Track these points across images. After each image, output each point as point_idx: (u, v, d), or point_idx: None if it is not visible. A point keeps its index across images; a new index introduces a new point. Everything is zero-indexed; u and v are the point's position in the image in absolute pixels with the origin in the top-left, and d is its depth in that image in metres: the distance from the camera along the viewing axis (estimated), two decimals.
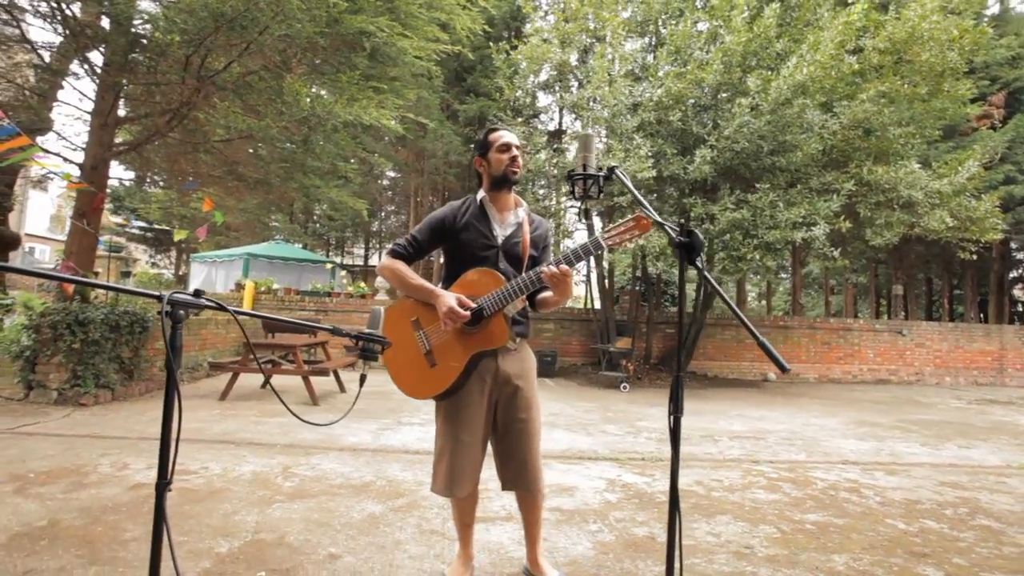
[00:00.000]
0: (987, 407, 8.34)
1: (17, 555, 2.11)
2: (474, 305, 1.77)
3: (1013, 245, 15.37)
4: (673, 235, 1.30)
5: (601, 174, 1.59)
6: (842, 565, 2.36)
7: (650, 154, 7.33)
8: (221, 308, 1.20)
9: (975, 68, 11.23)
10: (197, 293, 1.17)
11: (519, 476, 1.92)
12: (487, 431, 1.95)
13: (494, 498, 3.05)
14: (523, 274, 1.78)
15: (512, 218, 1.99)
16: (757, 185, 7.60)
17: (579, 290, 13.20)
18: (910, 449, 5.01)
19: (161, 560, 1.12)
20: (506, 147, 1.92)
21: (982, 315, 16.66)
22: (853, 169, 8.08)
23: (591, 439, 4.86)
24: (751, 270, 8.97)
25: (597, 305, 11.04)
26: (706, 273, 1.23)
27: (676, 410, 1.24)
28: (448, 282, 1.93)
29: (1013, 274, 18.00)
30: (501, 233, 1.95)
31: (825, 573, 2.28)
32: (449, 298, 1.77)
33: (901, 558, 2.46)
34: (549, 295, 1.90)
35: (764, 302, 20.72)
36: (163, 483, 1.11)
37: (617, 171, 1.55)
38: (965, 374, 11.94)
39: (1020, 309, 20.43)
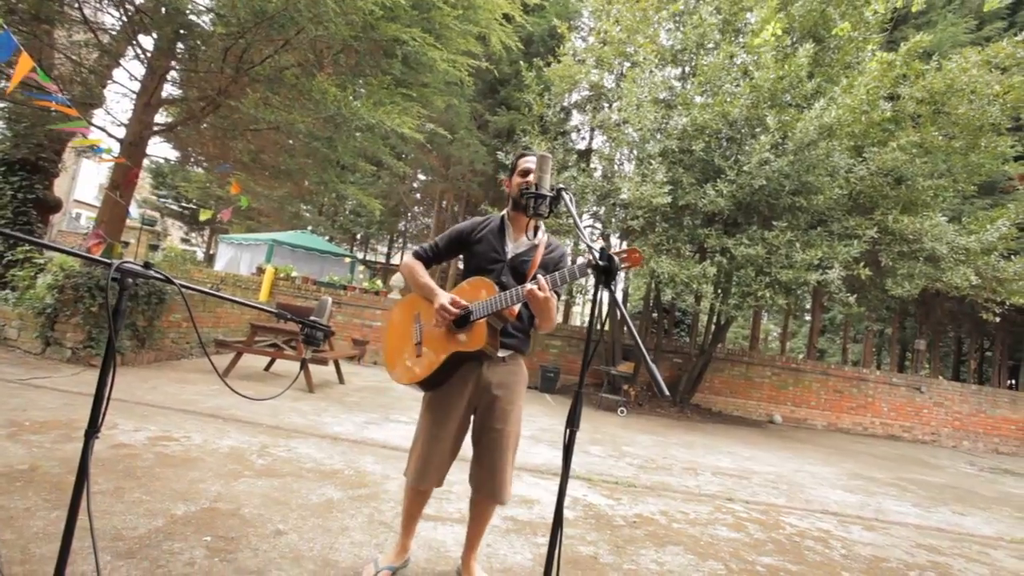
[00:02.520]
0: (1000, 476, 7.99)
1: None
2: (465, 306, 1.87)
3: None
4: (594, 258, 1.36)
5: (550, 194, 1.66)
6: None
7: (666, 180, 7.35)
8: (168, 280, 1.32)
9: (1021, 125, 10.87)
10: (147, 265, 1.29)
11: (485, 483, 2.01)
12: (461, 432, 2.04)
13: (453, 500, 3.12)
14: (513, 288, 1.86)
15: (528, 239, 2.09)
16: (775, 223, 7.53)
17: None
18: (899, 508, 4.86)
19: (81, 500, 1.22)
20: (525, 172, 2.04)
21: (1012, 381, 15.89)
22: (878, 216, 7.93)
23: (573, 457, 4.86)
24: (763, 308, 8.84)
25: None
26: (617, 298, 1.30)
27: (572, 424, 1.30)
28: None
29: None
30: (512, 249, 2.06)
31: None
32: (444, 297, 1.90)
33: None
34: (534, 316, 1.98)
35: (777, 343, 20.26)
36: (92, 431, 1.22)
37: (564, 193, 1.63)
38: (985, 440, 11.43)
39: None
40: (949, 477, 7.22)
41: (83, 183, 24.73)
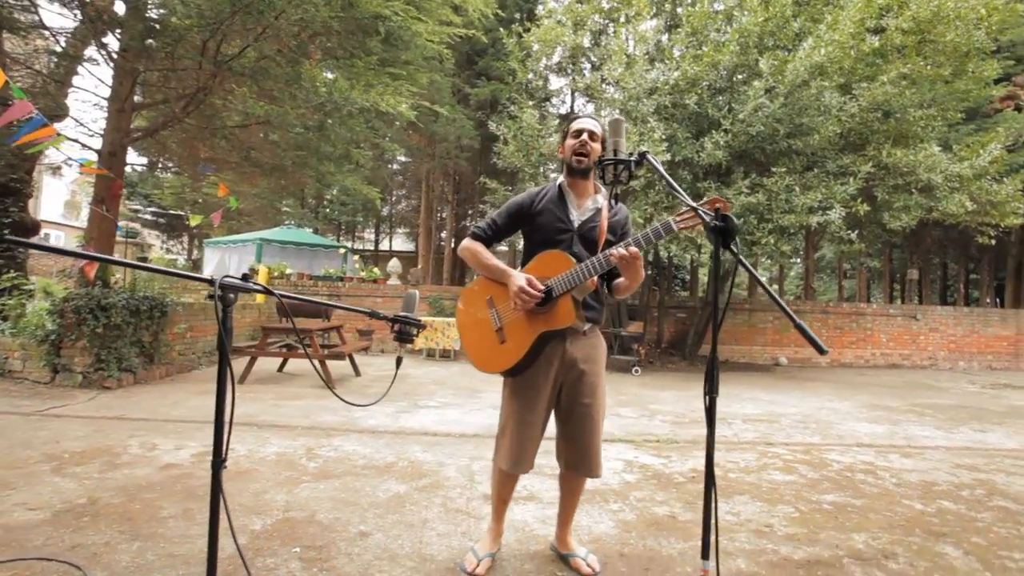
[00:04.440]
0: (1002, 391, 8.30)
1: (64, 531, 2.19)
2: (543, 286, 1.80)
3: None
4: (707, 220, 1.31)
5: (632, 159, 1.59)
6: (861, 543, 2.40)
7: (664, 138, 7.27)
8: (268, 292, 1.24)
9: (1000, 47, 10.92)
10: (245, 277, 1.21)
11: (581, 460, 1.98)
12: (549, 412, 2.01)
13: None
14: (593, 256, 1.79)
15: (591, 203, 2.01)
16: (773, 169, 7.52)
17: None
18: (924, 432, 5.02)
19: (219, 530, 1.16)
20: (576, 133, 1.94)
21: (998, 300, 16.41)
22: (871, 152, 7.96)
23: (606, 421, 4.90)
24: (765, 254, 8.91)
25: None
26: (741, 257, 1.25)
27: (711, 390, 1.27)
28: (526, 264, 1.98)
29: None
30: (578, 217, 1.98)
31: (845, 551, 2.32)
32: (520, 278, 1.82)
33: (920, 537, 2.50)
34: (621, 280, 1.92)
35: (776, 286, 20.66)
36: (218, 461, 1.15)
37: (648, 156, 1.56)
38: (980, 359, 11.84)
39: None
40: (957, 397, 7.47)
41: (47, 202, 23.75)
